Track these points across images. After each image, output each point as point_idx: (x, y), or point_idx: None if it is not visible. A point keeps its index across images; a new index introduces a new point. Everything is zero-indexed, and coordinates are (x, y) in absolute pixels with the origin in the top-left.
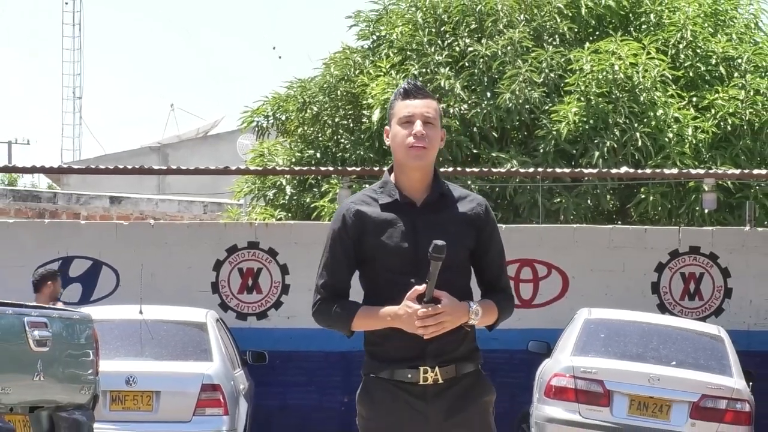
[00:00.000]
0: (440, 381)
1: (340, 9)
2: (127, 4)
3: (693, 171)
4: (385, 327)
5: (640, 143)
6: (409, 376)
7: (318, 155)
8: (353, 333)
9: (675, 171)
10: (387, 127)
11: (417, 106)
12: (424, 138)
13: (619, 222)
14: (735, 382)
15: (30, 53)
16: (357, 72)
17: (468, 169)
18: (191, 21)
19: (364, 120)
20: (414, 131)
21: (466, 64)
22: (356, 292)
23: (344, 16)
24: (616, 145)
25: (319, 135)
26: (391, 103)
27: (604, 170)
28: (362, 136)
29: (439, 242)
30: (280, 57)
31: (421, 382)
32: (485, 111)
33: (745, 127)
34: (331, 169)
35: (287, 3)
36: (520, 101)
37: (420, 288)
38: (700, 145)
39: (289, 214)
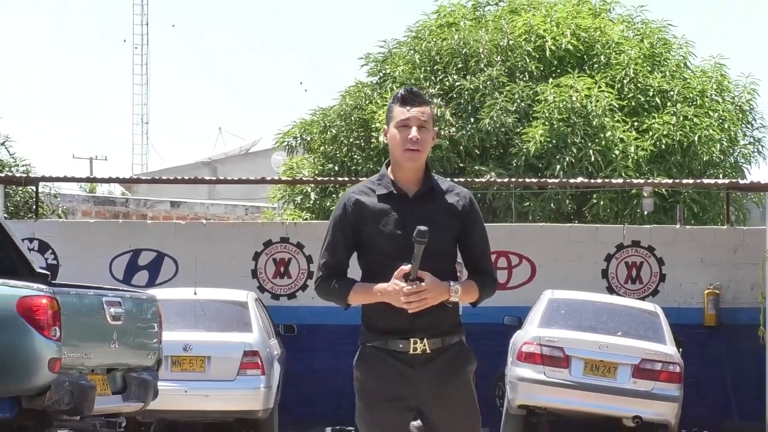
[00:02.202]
0: (428, 351)
1: (354, 50)
2: (182, 48)
3: (635, 181)
4: (377, 301)
5: (593, 158)
6: (401, 346)
7: (336, 168)
8: (349, 306)
9: (620, 181)
10: (385, 127)
11: (413, 112)
12: (418, 142)
13: (576, 221)
14: (668, 348)
15: (108, 87)
16: (367, 102)
17: (455, 180)
18: (233, 57)
19: (372, 140)
20: (410, 136)
21: (454, 96)
22: (354, 271)
23: (357, 57)
24: (573, 160)
25: (337, 152)
26: (390, 106)
27: (564, 180)
28: (371, 153)
29: (422, 228)
30: (306, 90)
31: (411, 352)
32: (469, 133)
33: (676, 146)
34: (346, 179)
35: (314, 45)
36: (497, 125)
37: (406, 268)
38: (641, 160)
39: (313, 215)
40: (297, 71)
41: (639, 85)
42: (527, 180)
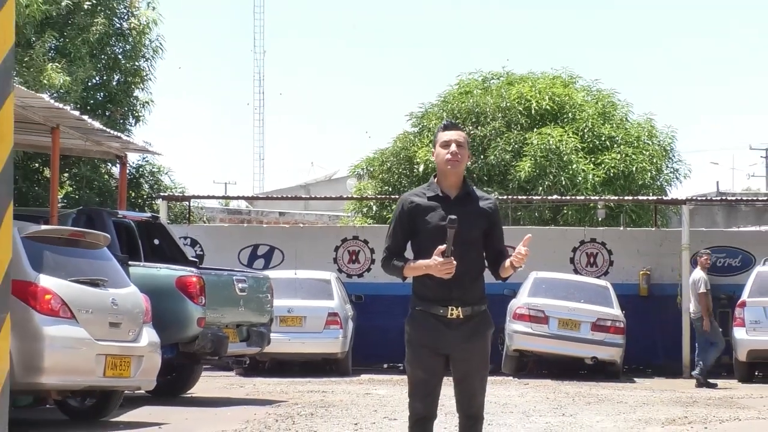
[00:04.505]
0: (461, 316)
1: (402, 109)
2: (286, 107)
3: (592, 198)
4: (426, 276)
5: (563, 183)
6: (441, 311)
7: (390, 189)
8: (406, 278)
9: (582, 198)
10: (433, 149)
11: (452, 135)
12: (457, 155)
13: (552, 225)
14: (615, 311)
15: (237, 134)
16: (411, 145)
17: None
18: (321, 113)
19: (414, 170)
20: (450, 150)
21: (469, 140)
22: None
23: (404, 114)
24: (550, 184)
25: (390, 179)
26: (436, 133)
27: (544, 197)
28: (414, 179)
29: (452, 216)
30: (370, 137)
31: (449, 316)
32: (479, 166)
33: (620, 174)
34: (396, 197)
35: (375, 105)
36: (499, 160)
37: (442, 247)
38: (596, 184)
39: (374, 221)
40: (364, 123)
41: (595, 133)
42: (519, 197)
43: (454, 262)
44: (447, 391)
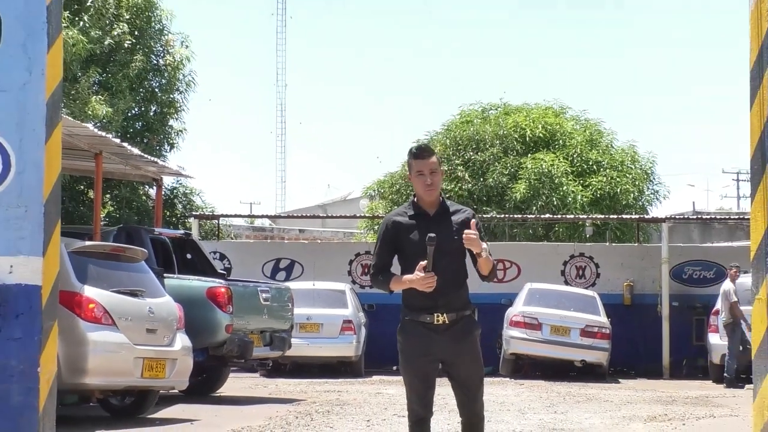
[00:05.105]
0: (447, 322)
1: (410, 136)
2: (305, 135)
3: (581, 216)
4: (412, 287)
5: (555, 203)
6: (428, 318)
7: None
8: (392, 292)
9: (572, 216)
10: (409, 174)
11: (425, 163)
12: (432, 184)
13: (545, 241)
14: (602, 318)
15: (260, 158)
16: None
17: None
18: (336, 140)
19: None
20: (426, 182)
21: (470, 165)
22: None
23: (411, 140)
24: (543, 204)
25: (399, 199)
26: (408, 160)
27: (538, 216)
28: None
29: (431, 234)
30: (380, 161)
31: (436, 323)
32: (479, 187)
33: (606, 195)
34: None
35: (386, 133)
36: (497, 182)
37: (423, 263)
38: (584, 203)
39: None
40: (376, 148)
41: (583, 158)
42: (515, 216)
43: (435, 276)
44: (449, 390)
